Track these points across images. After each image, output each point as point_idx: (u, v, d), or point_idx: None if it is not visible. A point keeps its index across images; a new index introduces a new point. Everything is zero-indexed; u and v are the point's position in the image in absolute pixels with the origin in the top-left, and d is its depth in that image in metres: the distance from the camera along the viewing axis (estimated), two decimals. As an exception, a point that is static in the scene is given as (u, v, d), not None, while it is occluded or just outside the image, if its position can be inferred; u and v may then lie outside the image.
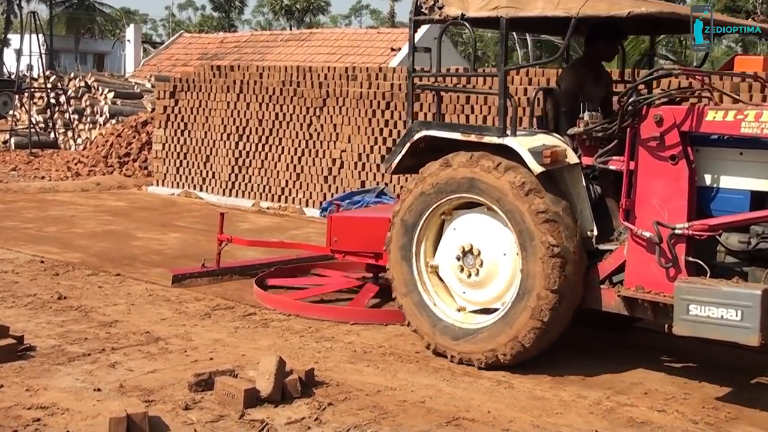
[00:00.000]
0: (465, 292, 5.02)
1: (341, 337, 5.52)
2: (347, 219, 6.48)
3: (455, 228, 5.05)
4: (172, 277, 6.63)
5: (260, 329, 5.65)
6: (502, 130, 4.85)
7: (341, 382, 4.62)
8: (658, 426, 4.14)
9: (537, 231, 4.62)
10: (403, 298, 5.19)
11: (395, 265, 5.22)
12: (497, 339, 4.76)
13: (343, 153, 10.91)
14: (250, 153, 11.79)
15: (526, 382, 4.75)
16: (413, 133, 5.19)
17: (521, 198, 4.66)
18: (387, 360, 5.08)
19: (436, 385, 4.64)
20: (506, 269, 4.86)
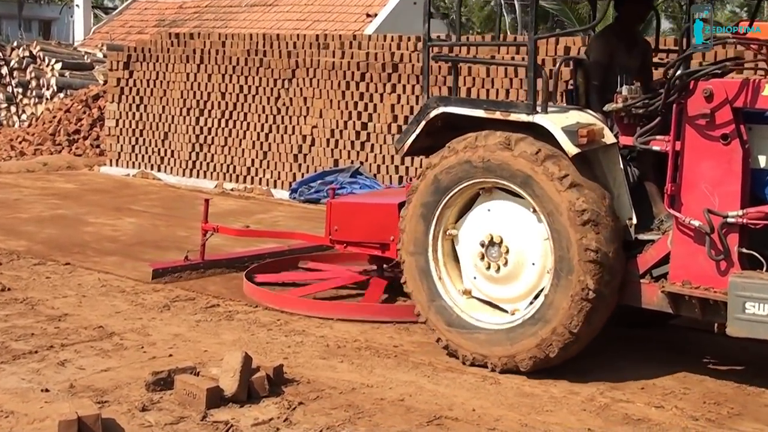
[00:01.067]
0: (476, 278, 4.91)
1: (313, 331, 5.52)
2: (350, 205, 6.28)
3: (489, 209, 4.87)
4: (152, 272, 6.44)
5: (224, 322, 5.64)
6: (531, 107, 4.67)
7: (313, 379, 4.62)
8: (656, 423, 4.18)
9: (574, 232, 4.46)
10: (408, 256, 5.06)
11: (411, 219, 5.04)
12: (518, 344, 4.61)
13: (314, 129, 10.87)
14: (212, 129, 11.71)
15: (513, 377, 4.77)
16: (429, 110, 5.02)
17: (560, 192, 4.49)
18: (363, 355, 5.08)
19: (416, 382, 4.65)
20: (532, 270, 4.69)
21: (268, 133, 11.23)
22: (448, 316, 4.92)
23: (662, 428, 4.13)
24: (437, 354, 5.12)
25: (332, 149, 10.76)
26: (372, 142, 10.46)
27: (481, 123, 4.83)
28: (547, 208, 4.55)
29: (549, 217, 4.55)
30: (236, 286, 6.45)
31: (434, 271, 4.99)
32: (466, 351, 4.83)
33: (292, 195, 10.67)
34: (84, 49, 19.59)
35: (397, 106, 10.26)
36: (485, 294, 4.91)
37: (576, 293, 4.47)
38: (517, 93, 9.19)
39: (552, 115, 4.69)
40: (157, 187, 11.50)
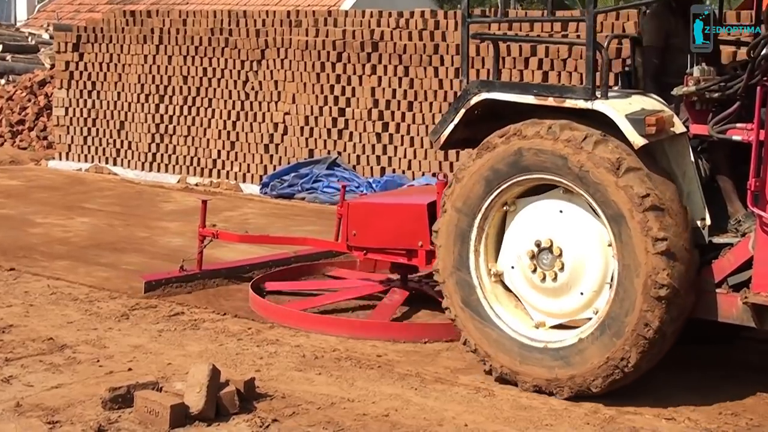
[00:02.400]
0: (545, 304, 4.72)
1: (287, 340, 5.52)
2: (370, 206, 6.10)
3: (537, 211, 4.72)
4: (144, 285, 6.30)
5: (189, 332, 5.63)
6: (590, 91, 4.53)
7: (288, 393, 4.62)
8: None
9: (638, 222, 4.33)
10: (448, 277, 4.91)
11: (447, 229, 4.87)
12: (588, 362, 4.50)
13: (286, 116, 10.86)
14: (173, 118, 11.67)
15: (509, 388, 4.79)
16: (470, 97, 4.87)
17: (617, 180, 4.37)
18: (342, 366, 5.08)
19: (402, 395, 4.66)
20: (594, 273, 4.56)
21: (236, 121, 11.20)
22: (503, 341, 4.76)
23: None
24: (424, 364, 5.14)
25: (307, 138, 10.75)
26: (350, 129, 10.46)
27: (529, 111, 4.70)
28: (607, 208, 4.41)
29: (610, 217, 4.42)
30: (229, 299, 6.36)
31: (493, 316, 4.82)
32: (527, 378, 4.68)
33: (263, 190, 10.66)
34: (27, 30, 19.45)
35: (377, 89, 10.27)
36: (557, 314, 4.74)
37: (644, 304, 4.31)
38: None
39: (614, 101, 4.55)
40: (113, 182, 11.45)
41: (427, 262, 5.76)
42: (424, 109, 9.95)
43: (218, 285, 6.61)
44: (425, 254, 5.77)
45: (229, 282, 6.69)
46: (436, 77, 9.85)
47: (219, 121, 11.31)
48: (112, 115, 12.16)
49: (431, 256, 5.63)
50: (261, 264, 6.97)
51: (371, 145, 10.35)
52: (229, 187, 11.10)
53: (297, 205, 10.13)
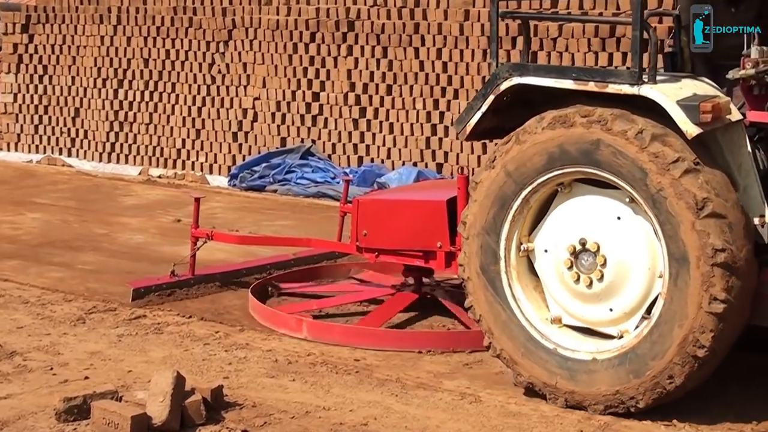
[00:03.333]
0: (568, 302, 4.66)
1: (258, 344, 5.52)
2: (383, 204, 5.98)
3: (575, 209, 4.64)
4: (132, 293, 6.19)
5: (152, 336, 5.62)
6: (636, 75, 4.42)
7: (259, 402, 4.62)
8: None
9: (701, 274, 4.23)
10: (475, 277, 4.81)
11: (475, 226, 4.80)
12: (594, 386, 4.46)
13: (256, 102, 10.84)
14: (133, 104, 11.62)
15: (497, 394, 4.80)
16: (499, 81, 4.75)
17: (695, 221, 4.24)
18: (318, 371, 5.09)
19: (382, 402, 4.67)
20: (632, 296, 4.49)
21: (202, 108, 11.16)
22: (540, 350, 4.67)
23: (672, 450, 4.20)
24: (406, 368, 5.16)
25: (278, 125, 10.73)
26: (325, 115, 10.45)
27: (565, 97, 4.61)
28: (673, 244, 4.31)
29: (672, 254, 4.31)
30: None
31: (509, 295, 4.75)
32: (524, 372, 4.65)
33: (232, 182, 10.64)
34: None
35: (354, 71, 10.26)
36: (585, 320, 4.67)
37: (699, 307, 4.25)
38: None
39: (663, 86, 4.44)
40: (68, 175, 11.40)
41: (447, 265, 5.65)
42: (404, 93, 9.95)
43: (215, 290, 6.53)
44: (444, 256, 5.64)
45: (226, 288, 6.59)
46: (417, 59, 9.85)
47: (183, 107, 11.27)
48: (65, 102, 12.09)
49: (451, 259, 5.58)
50: (258, 267, 6.88)
51: (348, 132, 10.34)
52: (195, 179, 11.07)
53: (268, 198, 10.12)
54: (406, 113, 9.96)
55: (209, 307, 6.17)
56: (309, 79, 10.53)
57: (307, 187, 10.16)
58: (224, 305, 6.28)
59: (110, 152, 11.81)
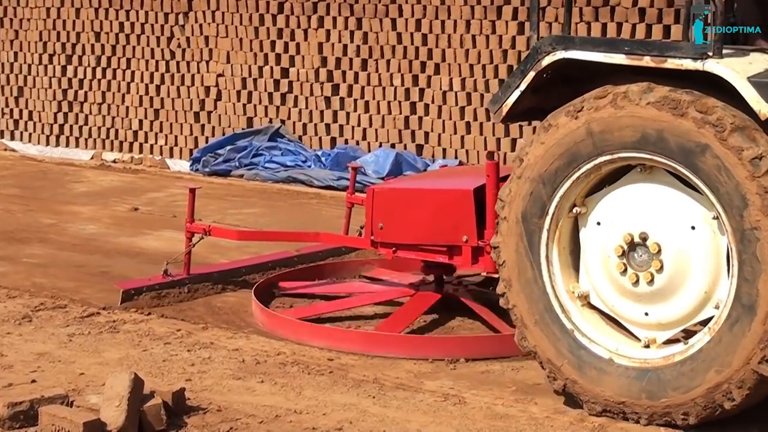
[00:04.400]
0: (602, 285, 4.61)
1: (223, 343, 5.53)
2: (402, 193, 5.84)
3: (629, 198, 4.54)
4: (122, 295, 6.11)
5: (106, 336, 5.61)
6: (699, 48, 4.34)
7: (224, 405, 4.62)
8: (664, 448, 4.30)
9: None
10: (515, 282, 4.74)
11: (511, 220, 4.72)
12: (639, 397, 4.41)
13: (219, 79, 10.80)
14: (84, 82, 11.56)
15: (482, 394, 4.83)
16: (541, 56, 4.64)
17: (754, 180, 4.13)
18: (288, 372, 5.10)
19: (358, 405, 4.68)
20: (690, 300, 4.43)
21: (160, 86, 11.11)
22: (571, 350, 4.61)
23: (673, 453, 4.25)
24: (384, 368, 5.18)
25: (244, 105, 10.70)
26: (295, 93, 10.43)
27: (612, 73, 4.52)
28: (744, 239, 4.21)
29: (743, 251, 4.22)
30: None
31: (543, 255, 4.68)
32: (562, 375, 4.60)
33: (194, 166, 10.61)
34: None
35: (326, 45, 10.25)
36: (608, 305, 4.64)
37: (747, 362, 4.19)
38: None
39: (730, 60, 4.30)
40: (11, 160, 11.34)
41: (473, 261, 5.54)
42: (381, 68, 9.95)
43: (213, 291, 6.46)
44: (471, 252, 5.52)
45: (225, 288, 6.52)
46: (394, 30, 9.84)
47: (139, 85, 11.20)
48: (8, 80, 12.00)
49: (478, 255, 5.50)
50: (259, 266, 6.80)
51: (319, 111, 10.33)
52: (154, 164, 11.03)
53: (234, 183, 10.10)
54: (383, 90, 9.95)
55: (205, 311, 6.07)
56: (277, 54, 10.50)
57: (276, 172, 10.15)
58: (222, 308, 6.21)
59: (58, 135, 11.73)
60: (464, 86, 9.56)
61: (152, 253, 7.43)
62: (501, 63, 9.34)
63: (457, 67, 9.57)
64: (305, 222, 8.37)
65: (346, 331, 5.67)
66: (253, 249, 7.30)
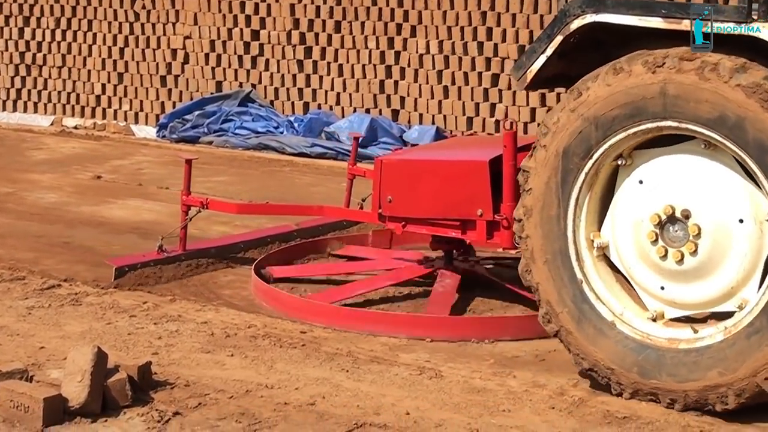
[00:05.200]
0: (665, 288, 4.50)
1: (191, 315, 5.52)
2: (413, 165, 5.75)
3: (642, 180, 4.50)
4: (115, 271, 6.01)
5: (68, 309, 5.59)
6: (744, 12, 4.21)
7: (193, 380, 4.62)
8: (647, 421, 4.30)
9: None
10: (541, 262, 4.65)
11: (540, 199, 4.61)
12: (646, 374, 4.39)
13: (186, 41, 10.76)
14: (43, 45, 11.49)
15: (460, 368, 4.85)
16: (569, 20, 4.54)
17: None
18: (260, 346, 5.10)
19: (331, 379, 4.69)
20: (742, 248, 4.31)
21: (124, 48, 11.06)
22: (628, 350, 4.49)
23: (656, 428, 4.25)
24: (358, 341, 5.19)
25: (213, 68, 10.68)
26: (266, 56, 10.41)
27: (646, 37, 4.42)
28: None
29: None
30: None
31: (583, 281, 4.59)
32: (587, 356, 4.52)
33: (161, 132, 10.59)
34: None
35: (297, 6, 10.22)
36: (690, 304, 4.51)
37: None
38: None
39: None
40: (-33, 126, 11.28)
41: (488, 236, 5.44)
42: (355, 30, 9.92)
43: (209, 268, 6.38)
44: (485, 226, 5.42)
45: (225, 264, 6.44)
46: None
47: (102, 48, 11.16)
48: (-35, 42, 11.92)
49: (493, 230, 5.39)
50: (257, 240, 6.73)
51: (291, 75, 10.31)
52: (118, 130, 10.99)
53: (203, 150, 10.08)
54: (357, 53, 9.94)
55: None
56: (247, 15, 10.46)
57: (246, 138, 10.13)
58: (191, 280, 6.18)
59: (16, 100, 11.67)
60: (441, 49, 9.55)
61: (116, 222, 7.42)
62: (480, 25, 9.35)
63: (434, 29, 9.56)
64: (277, 191, 8.37)
65: (400, 315, 5.54)
66: (239, 222, 7.25)
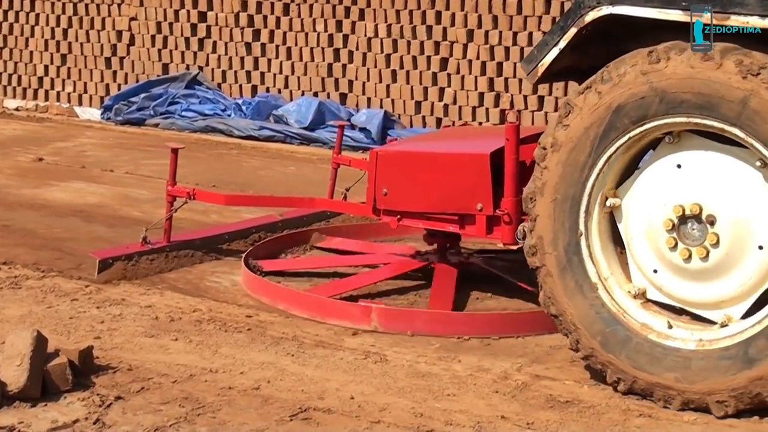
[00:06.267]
0: (658, 272, 4.46)
1: (135, 299, 5.50)
2: (410, 157, 5.62)
3: (680, 165, 4.38)
4: (98, 264, 5.82)
5: (6, 292, 5.54)
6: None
7: (136, 364, 4.61)
8: (589, 405, 4.35)
9: None
10: (548, 255, 4.56)
11: (548, 191, 4.54)
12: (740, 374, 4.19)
13: (132, 22, 10.69)
14: (-15, 24, 11.34)
15: (405, 352, 4.87)
16: (584, 11, 4.46)
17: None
18: (204, 330, 5.10)
19: (276, 363, 4.70)
20: (750, 272, 4.26)
21: (67, 29, 10.96)
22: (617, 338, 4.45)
23: (597, 412, 4.30)
24: (304, 325, 5.20)
25: (159, 50, 10.60)
26: (214, 38, 10.36)
27: (658, 30, 4.35)
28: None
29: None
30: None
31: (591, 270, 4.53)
32: (662, 387, 4.37)
33: (106, 114, 10.53)
34: None
35: (247, -13, 10.17)
36: (681, 299, 4.46)
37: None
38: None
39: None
40: None
41: (488, 231, 5.32)
42: (303, 12, 9.89)
43: (195, 260, 6.26)
44: (485, 221, 5.30)
45: (212, 256, 6.33)
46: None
47: (45, 29, 11.05)
48: None
49: (492, 224, 5.28)
50: (243, 231, 6.62)
51: (239, 58, 10.27)
52: (61, 112, 10.91)
53: (149, 132, 10.03)
54: (306, 36, 9.91)
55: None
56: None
57: (193, 121, 10.09)
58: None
59: (-44, 81, 11.54)
60: (390, 33, 9.55)
61: (58, 205, 7.36)
62: (429, 9, 9.35)
63: (383, 12, 9.56)
64: (225, 173, 8.35)
65: (414, 311, 5.40)
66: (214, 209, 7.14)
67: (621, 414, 4.28)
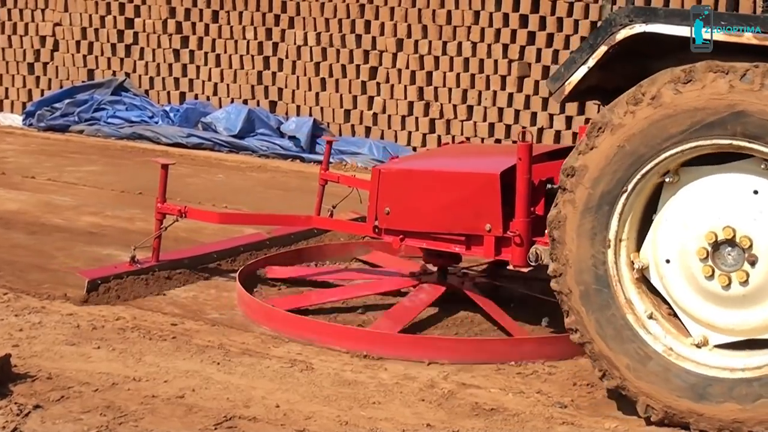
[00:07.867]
0: (708, 313, 4.27)
1: (56, 307, 5.45)
2: (415, 175, 5.44)
3: (693, 197, 4.22)
4: (87, 285, 5.64)
5: None
6: None
7: (56, 373, 4.57)
8: (513, 413, 4.40)
9: None
10: (576, 288, 4.40)
11: (572, 219, 4.35)
12: None
13: (56, 28, 10.64)
14: None
15: (331, 360, 4.89)
16: (615, 29, 4.31)
17: None
18: (128, 338, 5.07)
19: (201, 372, 4.68)
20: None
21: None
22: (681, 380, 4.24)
23: (521, 419, 4.34)
24: (230, 333, 5.19)
25: (84, 56, 10.55)
26: (141, 45, 10.32)
27: (681, 47, 4.22)
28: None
29: None
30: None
31: (626, 310, 4.34)
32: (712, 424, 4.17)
33: (28, 120, 10.46)
34: None
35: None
36: (735, 330, 4.26)
37: None
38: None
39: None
40: None
41: (496, 252, 5.14)
42: (233, 20, 9.90)
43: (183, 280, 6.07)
44: (494, 242, 5.12)
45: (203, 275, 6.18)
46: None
47: (-32, 32, 10.92)
48: None
49: (501, 246, 5.11)
50: (231, 250, 6.47)
51: (167, 64, 10.24)
52: (-18, 118, 10.80)
53: (73, 139, 9.95)
54: (235, 44, 9.91)
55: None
56: (121, 2, 10.37)
57: (119, 128, 10.04)
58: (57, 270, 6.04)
59: None
60: (319, 41, 9.59)
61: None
62: (358, 18, 9.41)
63: (312, 20, 9.59)
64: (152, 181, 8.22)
65: (333, 326, 5.32)
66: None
67: (544, 422, 4.33)
